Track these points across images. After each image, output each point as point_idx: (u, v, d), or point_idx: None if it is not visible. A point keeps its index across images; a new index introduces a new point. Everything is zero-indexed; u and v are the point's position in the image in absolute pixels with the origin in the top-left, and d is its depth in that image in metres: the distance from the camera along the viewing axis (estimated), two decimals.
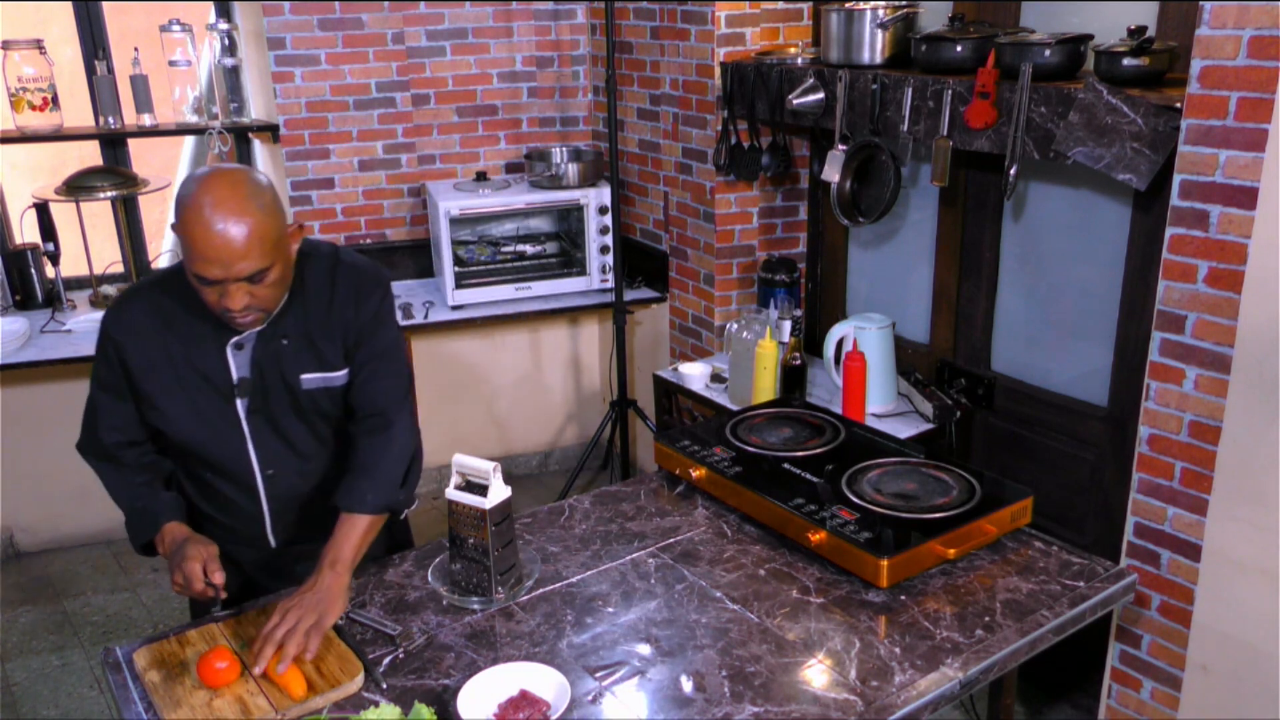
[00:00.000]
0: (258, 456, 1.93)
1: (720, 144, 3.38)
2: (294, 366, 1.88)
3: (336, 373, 1.91)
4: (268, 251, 1.70)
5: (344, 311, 1.88)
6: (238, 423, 1.89)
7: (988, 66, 2.46)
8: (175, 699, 1.62)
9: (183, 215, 1.67)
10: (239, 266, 1.67)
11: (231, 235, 1.65)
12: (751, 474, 2.15)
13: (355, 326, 1.89)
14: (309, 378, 1.89)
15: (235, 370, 1.86)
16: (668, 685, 1.64)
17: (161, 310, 1.85)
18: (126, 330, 1.85)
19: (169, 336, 1.84)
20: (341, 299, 1.89)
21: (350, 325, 1.89)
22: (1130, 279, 2.58)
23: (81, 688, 3.21)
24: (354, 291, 1.89)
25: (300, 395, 1.90)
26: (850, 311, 3.50)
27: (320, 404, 1.92)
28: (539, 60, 4.13)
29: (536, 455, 4.55)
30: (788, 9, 3.39)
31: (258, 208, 1.69)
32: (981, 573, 1.92)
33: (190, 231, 1.66)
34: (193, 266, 1.69)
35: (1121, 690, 2.52)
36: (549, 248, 4.09)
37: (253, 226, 1.67)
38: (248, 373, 1.87)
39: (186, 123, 3.87)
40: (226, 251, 1.66)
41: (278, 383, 1.88)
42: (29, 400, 3.77)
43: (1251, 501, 2.15)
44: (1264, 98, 1.98)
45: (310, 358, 1.88)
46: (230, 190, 1.67)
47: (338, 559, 1.81)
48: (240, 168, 1.74)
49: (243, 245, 1.66)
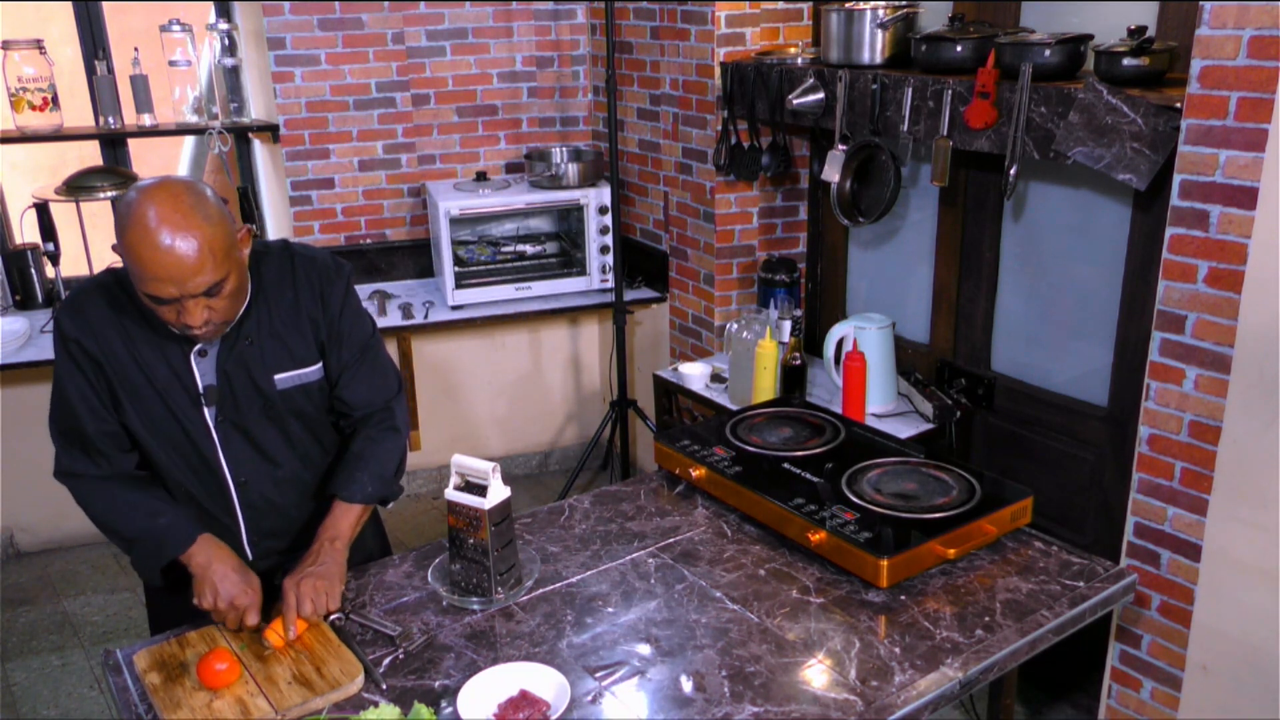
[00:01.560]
0: (229, 465, 1.87)
1: (720, 144, 3.38)
2: (264, 368, 1.84)
3: (310, 368, 1.88)
4: (220, 262, 1.64)
5: (310, 306, 1.86)
6: (207, 431, 1.84)
7: (988, 66, 2.46)
8: (175, 700, 1.62)
9: (127, 235, 1.59)
10: (194, 283, 1.62)
11: (181, 251, 1.58)
12: (751, 474, 2.15)
13: (326, 320, 1.88)
14: (282, 377, 1.86)
15: (200, 378, 1.81)
16: (668, 685, 1.64)
17: (117, 313, 1.77)
18: (84, 328, 1.76)
19: (130, 340, 1.77)
20: (306, 294, 1.86)
21: (319, 319, 1.87)
22: (1130, 279, 2.58)
23: (81, 688, 3.21)
24: (317, 284, 1.87)
25: (273, 396, 1.86)
26: (850, 311, 3.50)
27: (295, 403, 1.89)
28: (539, 60, 4.13)
29: (536, 455, 4.55)
30: (788, 9, 3.39)
31: (204, 219, 1.62)
32: (981, 573, 1.92)
33: (137, 252, 1.59)
34: (144, 288, 1.62)
35: (1121, 690, 2.52)
36: (549, 248, 4.09)
37: (202, 239, 1.60)
38: (214, 380, 1.81)
39: (186, 123, 3.87)
40: (179, 269, 1.59)
41: (247, 387, 1.83)
42: (29, 400, 3.77)
43: (1251, 501, 2.15)
44: (1264, 98, 1.98)
45: (281, 356, 1.85)
46: (173, 203, 1.60)
47: (337, 536, 1.82)
48: (180, 178, 1.67)
49: (195, 260, 1.60)
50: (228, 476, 1.88)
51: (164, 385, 1.80)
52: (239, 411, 1.85)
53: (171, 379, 1.80)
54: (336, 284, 1.89)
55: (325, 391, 1.94)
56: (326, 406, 1.96)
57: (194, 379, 1.81)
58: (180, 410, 1.81)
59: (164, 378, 1.79)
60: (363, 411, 1.95)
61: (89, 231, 3.77)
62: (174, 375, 1.80)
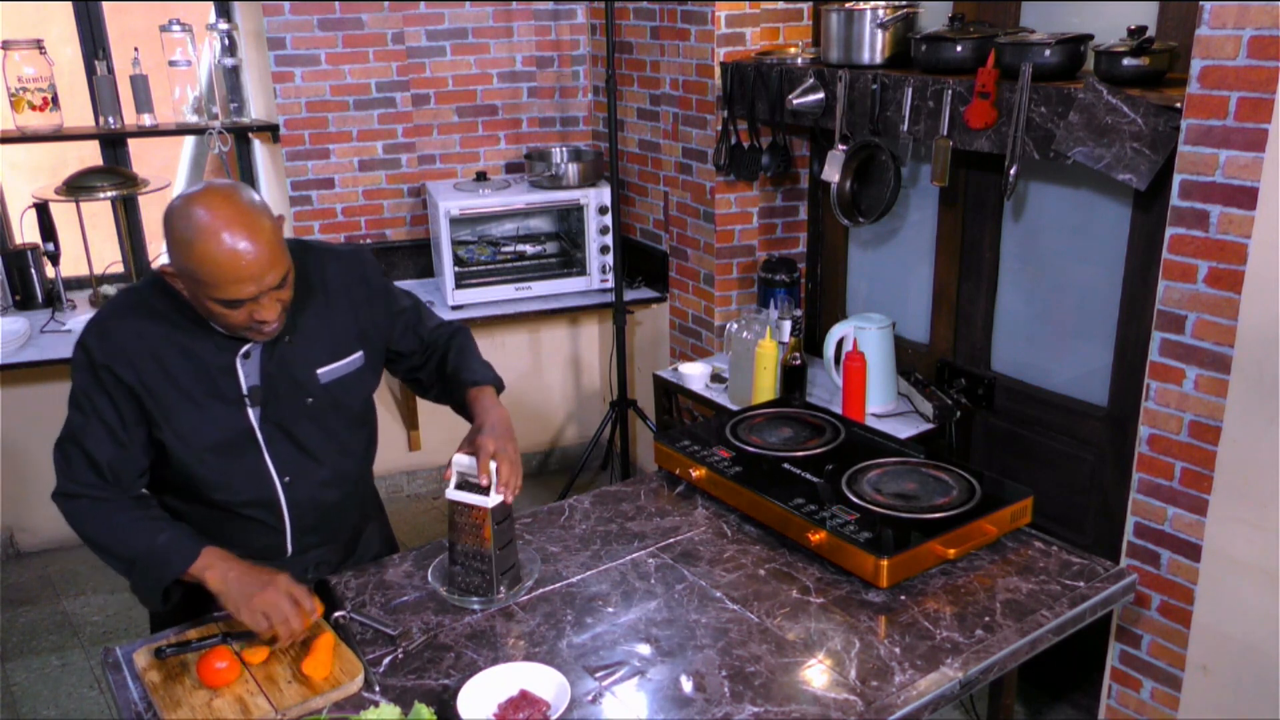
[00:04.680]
0: (275, 465, 1.89)
1: (720, 144, 3.38)
2: (305, 363, 1.87)
3: (351, 357, 1.93)
4: (284, 253, 1.70)
5: (348, 297, 1.91)
6: (252, 433, 1.85)
7: (988, 66, 2.46)
8: (175, 699, 1.62)
9: (196, 246, 1.62)
10: (269, 277, 1.66)
11: (255, 249, 1.63)
12: (751, 474, 2.15)
13: (374, 305, 1.95)
14: (325, 370, 1.89)
15: (245, 380, 1.82)
16: (668, 685, 1.64)
17: (147, 333, 1.77)
18: (115, 354, 1.75)
19: (163, 358, 1.77)
20: (338, 284, 1.90)
21: (361, 308, 1.93)
22: (1130, 279, 2.58)
23: (81, 688, 3.21)
24: (354, 271, 1.94)
25: (316, 392, 1.88)
26: (850, 311, 3.50)
27: (336, 396, 1.92)
28: (539, 60, 4.13)
29: (536, 455, 4.55)
30: (788, 9, 3.39)
31: (263, 214, 1.68)
32: (981, 573, 1.92)
33: (213, 259, 1.62)
34: (221, 294, 1.65)
35: (1121, 690, 2.52)
36: (549, 248, 4.09)
37: (268, 234, 1.66)
38: (258, 380, 1.83)
39: (186, 123, 3.87)
40: (256, 266, 1.64)
41: (290, 385, 1.86)
42: (29, 400, 3.77)
43: (1251, 501, 2.15)
44: (1264, 98, 1.98)
45: (321, 351, 1.89)
46: (233, 207, 1.64)
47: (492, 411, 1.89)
48: (222, 182, 1.70)
49: (268, 255, 1.65)
50: (274, 477, 1.90)
51: (205, 394, 1.80)
52: (282, 411, 1.87)
53: (212, 387, 1.80)
54: (368, 266, 1.97)
55: (365, 380, 1.98)
56: (367, 395, 2.01)
57: (238, 382, 1.82)
58: (224, 416, 1.82)
59: (204, 387, 1.80)
60: (435, 336, 2.06)
61: (89, 231, 3.77)
62: (215, 382, 1.80)
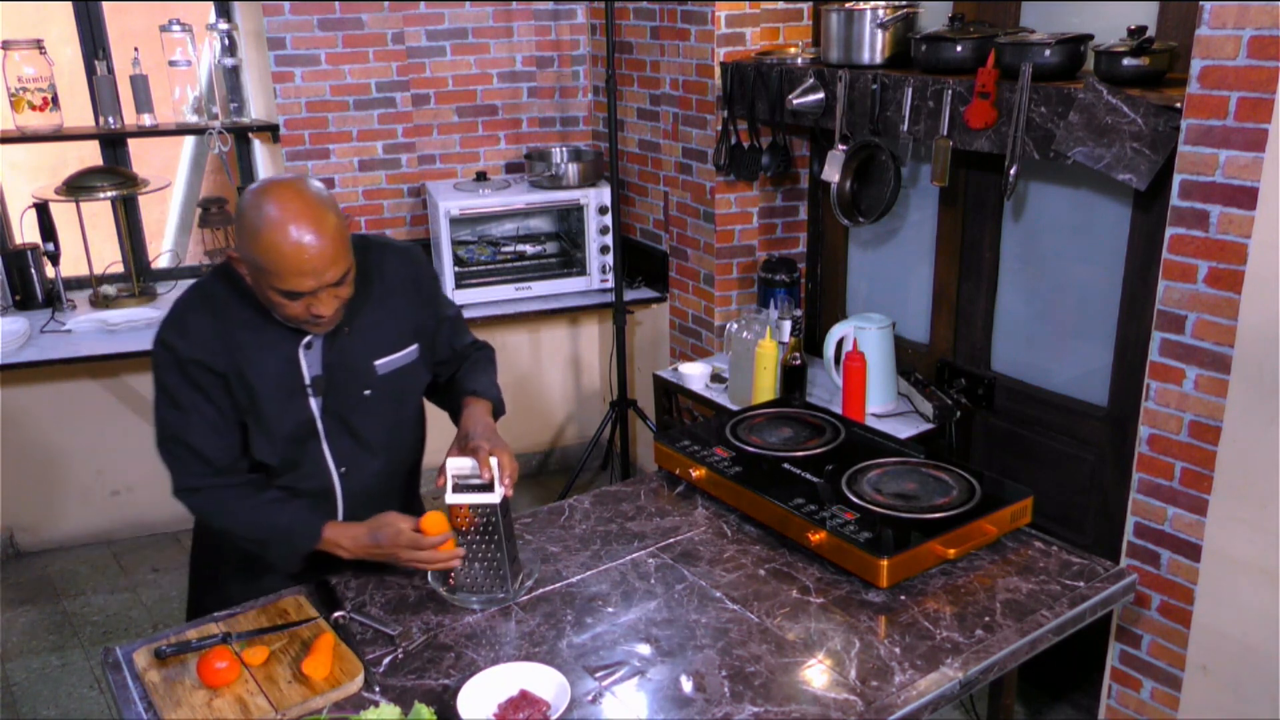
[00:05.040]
0: (332, 455, 1.94)
1: (720, 144, 3.38)
2: (365, 355, 1.92)
3: (407, 349, 1.98)
4: (347, 251, 1.74)
5: (402, 291, 1.96)
6: (313, 424, 1.90)
7: (988, 66, 2.46)
8: (175, 699, 1.62)
9: (263, 236, 1.66)
10: (330, 273, 1.70)
11: (319, 244, 1.67)
12: (751, 474, 2.15)
13: (422, 299, 2.00)
14: (382, 362, 1.94)
15: (308, 370, 1.87)
16: (668, 685, 1.64)
17: (223, 325, 1.82)
18: (200, 347, 1.80)
19: (233, 350, 1.82)
20: (395, 280, 1.96)
21: (416, 305, 1.99)
22: (1130, 279, 2.58)
23: (81, 688, 3.21)
24: (408, 269, 1.99)
25: (374, 383, 1.93)
26: (850, 311, 3.50)
27: (393, 387, 1.97)
28: (539, 60, 4.13)
29: (536, 455, 4.55)
30: (788, 9, 3.39)
31: (330, 210, 1.72)
32: (981, 573, 1.92)
33: (278, 250, 1.66)
34: (281, 284, 1.69)
35: (1121, 690, 2.52)
36: (549, 248, 4.09)
37: (333, 231, 1.70)
38: (319, 371, 1.88)
39: (186, 123, 3.87)
40: (318, 261, 1.68)
41: (349, 376, 1.91)
42: (29, 400, 3.77)
43: (1251, 501, 2.15)
44: (1264, 98, 1.98)
45: (379, 343, 1.93)
46: (303, 202, 1.68)
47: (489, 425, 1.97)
48: (292, 176, 1.76)
49: (331, 251, 1.69)
50: (331, 467, 1.95)
51: (273, 384, 1.85)
52: (341, 401, 1.91)
53: (279, 377, 1.86)
54: (422, 266, 2.04)
55: (419, 373, 2.04)
56: (420, 389, 2.07)
57: (301, 372, 1.87)
58: (289, 406, 1.87)
59: (273, 377, 1.85)
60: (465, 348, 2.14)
61: (89, 231, 3.77)
62: (280, 373, 1.86)
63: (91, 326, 3.54)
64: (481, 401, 2.03)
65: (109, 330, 3.52)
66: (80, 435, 3.88)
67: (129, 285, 3.91)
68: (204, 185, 4.49)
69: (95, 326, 3.54)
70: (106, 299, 3.81)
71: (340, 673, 1.65)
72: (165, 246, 4.39)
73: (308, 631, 1.75)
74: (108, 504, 3.98)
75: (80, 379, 3.81)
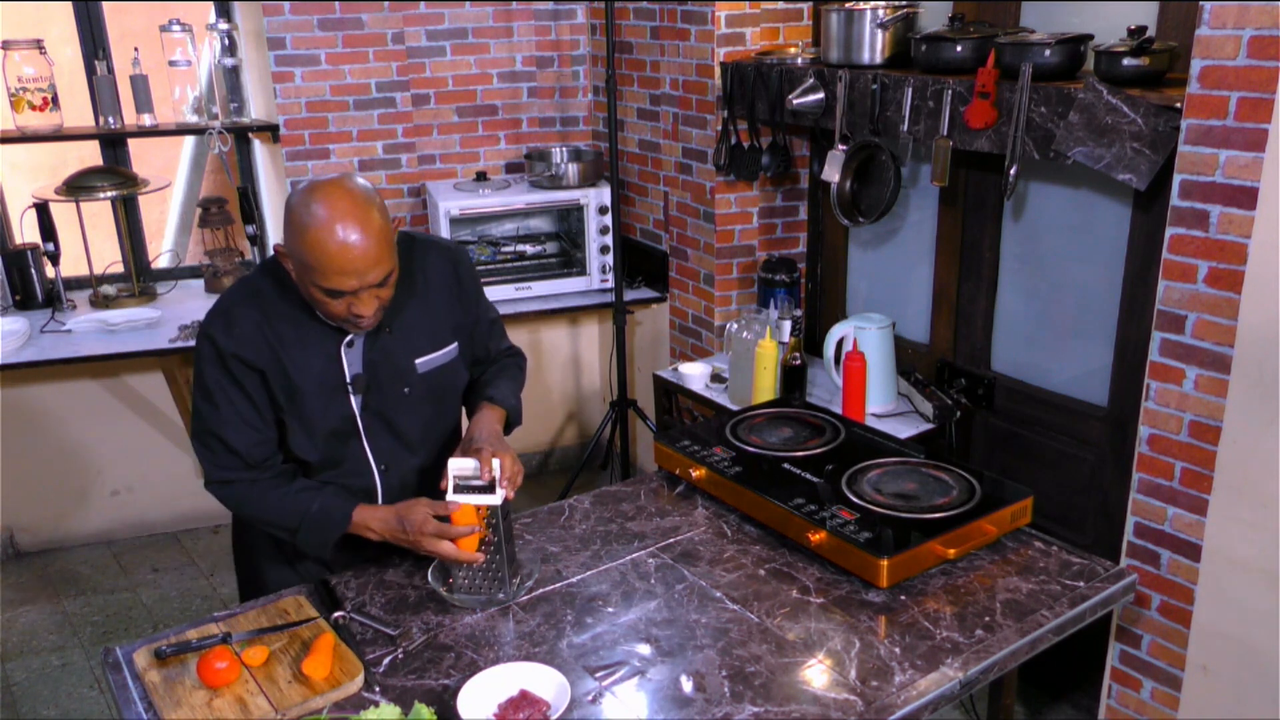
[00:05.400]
0: (373, 453, 1.96)
1: (720, 144, 3.38)
2: (406, 353, 1.93)
3: (447, 348, 2.00)
4: (390, 253, 1.75)
5: (445, 288, 1.97)
6: (353, 420, 1.92)
7: (988, 66, 2.46)
8: (175, 699, 1.62)
9: (309, 233, 1.68)
10: (373, 274, 1.72)
11: (363, 245, 1.68)
12: (751, 474, 2.15)
13: (462, 303, 2.01)
14: (423, 360, 1.96)
15: (349, 368, 1.89)
16: (668, 685, 1.64)
17: (267, 321, 1.84)
18: (242, 342, 1.82)
19: (284, 344, 1.84)
20: (437, 279, 1.97)
21: (457, 303, 1.99)
22: (1130, 279, 2.58)
23: (81, 688, 3.21)
24: (450, 267, 1.99)
25: (414, 381, 1.94)
26: (850, 311, 3.50)
27: (432, 385, 1.98)
28: (539, 60, 4.13)
29: (536, 455, 4.55)
30: (788, 9, 3.39)
31: (377, 212, 1.73)
32: (981, 573, 1.92)
33: (323, 248, 1.67)
34: (324, 282, 1.71)
35: (1121, 690, 2.52)
36: (549, 248, 4.09)
37: (378, 232, 1.71)
38: (360, 369, 1.90)
39: (186, 123, 3.87)
40: (362, 262, 1.69)
41: (390, 374, 1.92)
42: (29, 400, 3.77)
43: (1251, 501, 2.15)
44: (1264, 98, 1.98)
45: (420, 341, 1.94)
46: (351, 202, 1.69)
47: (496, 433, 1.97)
48: (342, 176, 1.76)
49: (375, 253, 1.70)
50: (372, 463, 1.97)
51: (316, 382, 1.87)
52: (382, 399, 1.93)
53: (321, 374, 1.87)
54: (465, 264, 2.03)
55: (459, 371, 2.05)
56: (460, 387, 2.08)
57: (343, 370, 1.88)
58: (330, 403, 1.89)
59: (315, 374, 1.87)
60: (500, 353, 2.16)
61: (89, 231, 3.77)
62: (322, 369, 1.87)
63: (91, 326, 3.54)
64: (494, 408, 2.04)
65: (109, 330, 3.52)
66: (80, 435, 3.88)
67: (129, 285, 3.91)
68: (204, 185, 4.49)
69: (95, 326, 3.54)
70: (106, 299, 3.81)
71: (340, 673, 1.65)
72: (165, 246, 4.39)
73: (308, 631, 1.76)
74: (108, 504, 3.98)
75: (80, 379, 3.81)
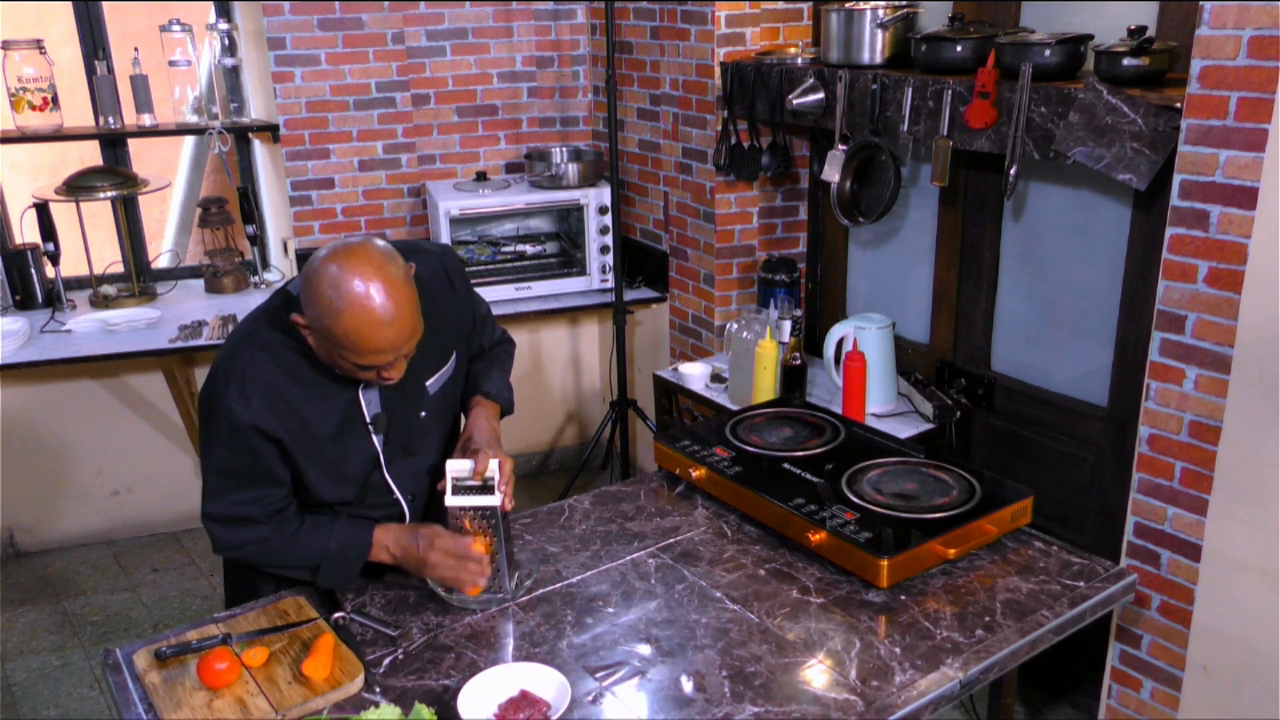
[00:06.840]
0: (398, 485, 1.94)
1: (720, 144, 3.38)
2: (416, 378, 1.89)
3: (450, 362, 1.98)
4: (419, 322, 1.70)
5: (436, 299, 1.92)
6: (377, 459, 1.89)
7: (988, 66, 2.46)
8: (175, 700, 1.62)
9: (342, 319, 1.61)
10: (407, 347, 1.70)
11: (401, 325, 1.65)
12: (751, 474, 2.15)
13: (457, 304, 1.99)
14: (432, 380, 1.94)
15: (368, 409, 1.85)
16: (668, 685, 1.64)
17: (280, 381, 1.76)
18: (259, 413, 1.73)
19: (299, 404, 1.77)
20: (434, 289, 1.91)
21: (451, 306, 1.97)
22: (1130, 279, 2.58)
23: (81, 688, 3.21)
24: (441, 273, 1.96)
25: (427, 404, 1.93)
26: (850, 311, 3.50)
27: (440, 404, 1.97)
28: (539, 60, 4.13)
29: (536, 455, 4.55)
30: (788, 9, 3.39)
31: (405, 283, 1.66)
32: (981, 573, 1.92)
33: (357, 333, 1.62)
34: (359, 360, 1.66)
35: (1121, 690, 2.52)
36: (549, 248, 4.09)
37: (410, 306, 1.67)
38: (379, 408, 1.87)
39: (186, 123, 3.87)
40: (398, 339, 1.66)
41: (405, 405, 1.90)
42: (29, 400, 3.77)
43: (1251, 501, 2.15)
44: (1264, 98, 1.98)
45: (427, 362, 1.91)
46: (385, 280, 1.62)
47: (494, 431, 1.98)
48: (366, 244, 1.67)
49: (411, 327, 1.67)
50: (399, 496, 1.96)
51: (335, 432, 1.82)
52: (402, 432, 1.91)
53: (341, 421, 1.83)
54: (453, 263, 2.00)
55: (460, 381, 2.05)
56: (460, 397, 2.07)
57: (362, 413, 1.85)
58: (352, 448, 1.86)
59: (334, 425, 1.82)
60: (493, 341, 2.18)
61: (89, 231, 3.77)
62: (342, 418, 1.83)
63: (91, 326, 3.54)
64: (489, 404, 2.03)
65: (109, 330, 3.51)
66: (80, 435, 3.88)
67: (129, 285, 3.91)
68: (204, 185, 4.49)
69: (95, 326, 3.54)
70: (106, 299, 3.81)
71: (340, 673, 1.65)
72: (165, 246, 4.39)
73: (308, 632, 1.76)
74: (108, 504, 3.98)
75: (80, 379, 3.81)
